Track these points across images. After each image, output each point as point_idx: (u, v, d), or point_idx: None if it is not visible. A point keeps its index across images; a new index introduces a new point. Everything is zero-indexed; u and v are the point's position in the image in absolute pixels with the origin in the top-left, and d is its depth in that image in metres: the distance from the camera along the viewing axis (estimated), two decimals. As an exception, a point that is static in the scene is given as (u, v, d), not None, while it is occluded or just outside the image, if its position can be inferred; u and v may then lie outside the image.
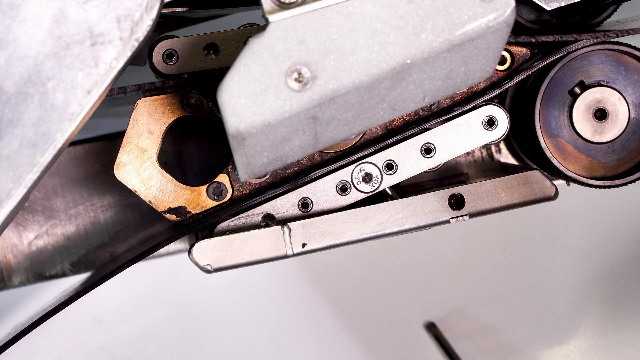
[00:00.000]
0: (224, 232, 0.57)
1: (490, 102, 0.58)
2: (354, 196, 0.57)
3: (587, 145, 0.59)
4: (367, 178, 0.57)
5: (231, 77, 0.45)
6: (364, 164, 0.57)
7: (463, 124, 0.58)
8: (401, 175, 0.57)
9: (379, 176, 0.57)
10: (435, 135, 0.58)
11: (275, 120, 0.45)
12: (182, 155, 0.70)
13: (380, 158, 0.57)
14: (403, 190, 0.63)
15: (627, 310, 0.81)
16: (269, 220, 0.57)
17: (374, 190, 0.57)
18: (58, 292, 0.72)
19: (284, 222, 0.57)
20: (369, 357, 0.77)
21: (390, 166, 0.57)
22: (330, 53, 0.46)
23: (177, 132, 0.70)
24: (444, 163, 0.58)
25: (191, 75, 0.57)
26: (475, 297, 0.64)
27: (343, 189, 0.57)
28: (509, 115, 0.58)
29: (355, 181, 0.57)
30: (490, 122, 0.58)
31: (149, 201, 0.57)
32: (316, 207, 0.57)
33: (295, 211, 0.57)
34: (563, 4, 0.57)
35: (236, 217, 0.57)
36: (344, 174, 0.57)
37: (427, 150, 0.58)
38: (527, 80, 0.60)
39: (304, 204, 0.57)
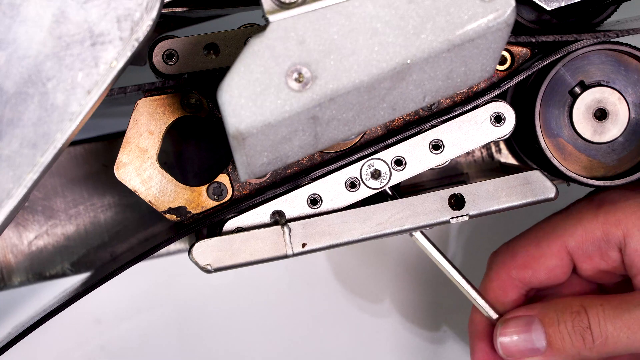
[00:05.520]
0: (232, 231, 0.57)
1: (496, 99, 0.58)
2: (363, 192, 0.57)
3: (587, 145, 0.59)
4: (376, 174, 0.57)
5: (231, 77, 0.45)
6: (373, 160, 0.57)
7: (471, 120, 0.58)
8: (410, 171, 0.57)
9: (388, 172, 0.57)
10: (444, 131, 0.58)
11: (276, 120, 0.45)
12: (182, 156, 0.70)
13: (388, 154, 0.57)
14: (403, 190, 0.63)
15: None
16: (278, 216, 0.57)
17: (382, 186, 0.57)
18: (58, 292, 0.72)
19: (294, 218, 0.57)
20: (368, 356, 0.77)
21: (399, 162, 0.57)
22: (330, 53, 0.46)
23: (177, 132, 0.70)
24: (452, 159, 0.58)
25: (191, 75, 0.57)
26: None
27: (352, 185, 0.57)
28: (515, 112, 0.58)
29: (364, 177, 0.57)
30: (498, 119, 0.58)
31: (149, 201, 0.57)
32: (325, 203, 0.57)
33: (305, 207, 0.57)
34: (563, 4, 0.57)
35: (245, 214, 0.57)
36: (352, 170, 0.57)
37: (436, 146, 0.58)
38: (527, 80, 0.60)
39: (313, 201, 0.57)
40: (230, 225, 0.57)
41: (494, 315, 0.63)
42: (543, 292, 0.66)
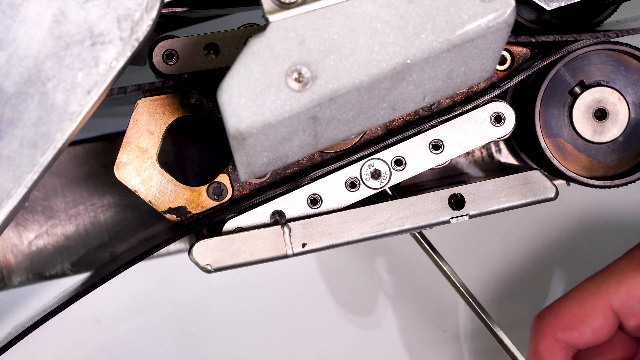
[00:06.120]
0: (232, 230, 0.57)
1: (496, 99, 0.58)
2: (363, 192, 0.57)
3: (587, 145, 0.59)
4: (376, 174, 0.57)
5: (231, 77, 0.45)
6: (373, 160, 0.57)
7: (471, 120, 0.58)
8: (410, 171, 0.57)
9: (388, 172, 0.57)
10: (444, 131, 0.58)
11: (276, 120, 0.45)
12: (182, 156, 0.70)
13: (388, 154, 0.57)
14: (403, 190, 0.63)
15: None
16: (279, 216, 0.57)
17: (382, 186, 0.57)
18: (58, 292, 0.72)
19: (294, 218, 0.57)
20: (369, 356, 0.77)
21: (399, 162, 0.57)
22: (330, 53, 0.46)
23: (177, 132, 0.70)
24: (452, 159, 0.58)
25: (191, 75, 0.57)
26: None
27: (352, 185, 0.57)
28: (515, 112, 0.58)
29: (364, 177, 0.57)
30: (498, 119, 0.58)
31: (149, 201, 0.57)
32: (325, 203, 0.57)
33: (305, 207, 0.57)
34: (563, 4, 0.57)
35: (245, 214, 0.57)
36: (352, 170, 0.57)
37: (436, 146, 0.58)
38: (527, 80, 0.60)
39: (314, 201, 0.57)
40: (230, 225, 0.57)
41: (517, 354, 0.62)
42: (590, 352, 0.65)
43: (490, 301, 0.78)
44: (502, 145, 0.67)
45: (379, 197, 0.58)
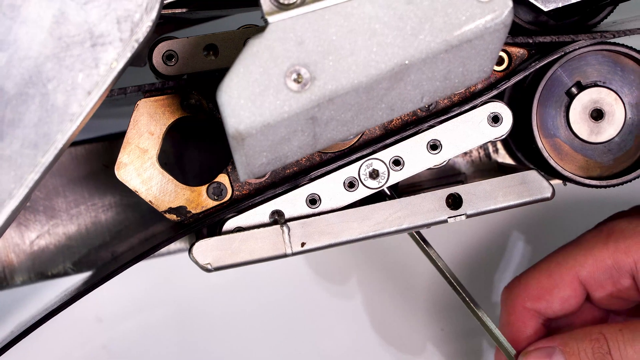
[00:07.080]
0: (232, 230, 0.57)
1: (494, 99, 0.58)
2: (361, 192, 0.58)
3: (584, 146, 0.60)
4: (374, 174, 0.57)
5: (230, 78, 0.45)
6: (371, 160, 0.57)
7: (468, 120, 0.58)
8: (408, 171, 0.58)
9: (386, 172, 0.57)
10: (441, 131, 0.58)
11: (275, 120, 0.46)
12: (183, 156, 0.70)
13: (387, 155, 0.57)
14: (401, 190, 0.63)
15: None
16: (278, 216, 0.57)
17: (381, 186, 0.58)
18: (60, 291, 0.73)
19: (293, 218, 0.57)
20: (368, 356, 0.78)
21: (397, 162, 0.58)
22: (329, 54, 0.46)
23: (178, 132, 0.70)
24: (450, 159, 0.59)
25: (191, 76, 0.58)
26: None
27: (351, 185, 0.57)
28: (512, 113, 0.58)
29: (362, 177, 0.57)
30: (495, 119, 0.58)
31: (150, 201, 0.57)
32: (324, 203, 0.57)
33: (304, 207, 0.57)
34: (560, 5, 0.57)
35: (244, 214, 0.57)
36: (351, 170, 0.57)
37: (433, 146, 0.58)
38: (524, 80, 0.61)
39: (312, 200, 0.57)
40: (230, 224, 0.57)
41: (511, 349, 0.62)
42: (560, 322, 0.66)
43: (487, 300, 0.78)
44: (500, 146, 0.67)
45: (377, 197, 0.59)
